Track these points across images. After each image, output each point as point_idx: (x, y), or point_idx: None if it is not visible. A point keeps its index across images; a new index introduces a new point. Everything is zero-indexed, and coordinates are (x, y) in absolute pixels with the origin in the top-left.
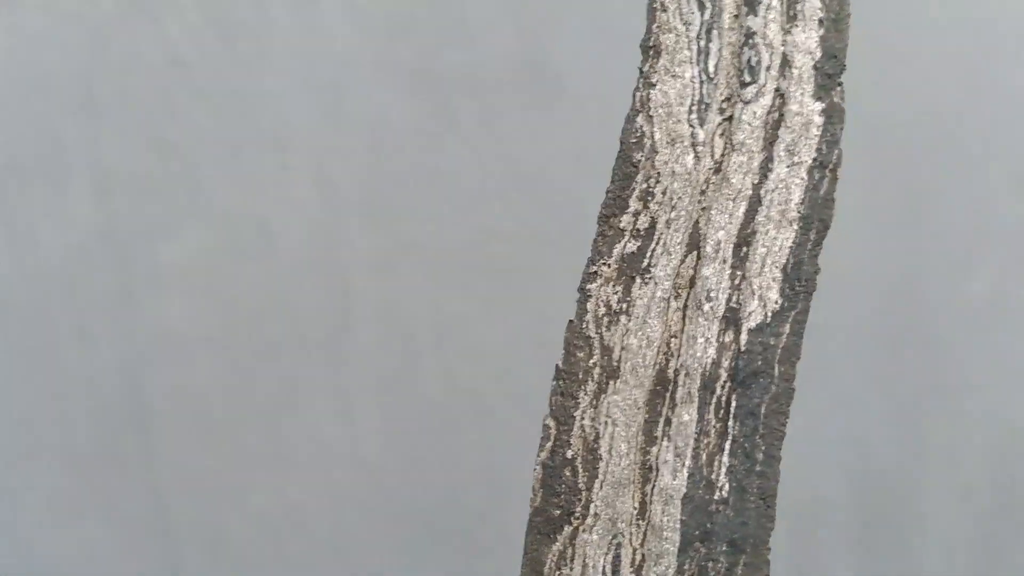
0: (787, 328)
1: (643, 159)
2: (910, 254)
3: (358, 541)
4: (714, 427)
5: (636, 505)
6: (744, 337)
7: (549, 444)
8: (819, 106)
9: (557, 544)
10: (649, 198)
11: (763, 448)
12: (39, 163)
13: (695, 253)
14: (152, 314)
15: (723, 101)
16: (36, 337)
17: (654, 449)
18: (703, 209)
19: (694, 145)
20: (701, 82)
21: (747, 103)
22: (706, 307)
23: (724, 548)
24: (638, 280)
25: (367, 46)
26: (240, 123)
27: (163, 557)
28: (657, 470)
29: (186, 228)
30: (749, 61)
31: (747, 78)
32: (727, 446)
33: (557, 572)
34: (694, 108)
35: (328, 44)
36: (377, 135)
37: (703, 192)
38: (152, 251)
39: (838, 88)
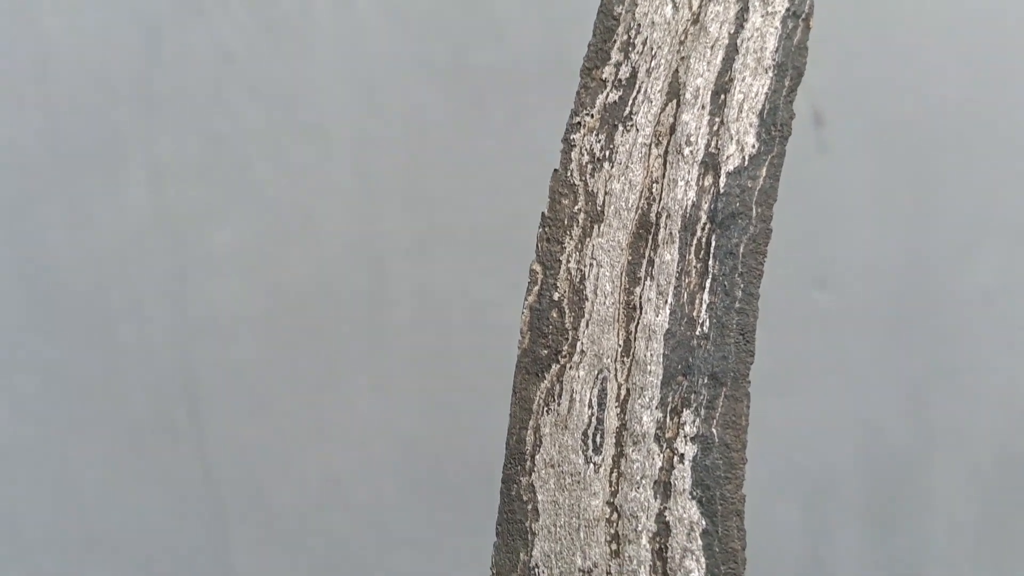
0: (764, 171)
1: (623, 12)
2: (919, 241)
3: (394, 509)
4: (695, 267)
5: (620, 343)
6: (723, 180)
7: (536, 288)
8: None
9: (545, 382)
10: (630, 49)
11: (742, 286)
12: (98, 152)
13: (675, 100)
14: (203, 294)
15: None
16: (94, 315)
17: (637, 289)
18: (682, 58)
19: None
20: None
21: None
22: (686, 151)
23: (705, 381)
24: (620, 128)
25: (403, 43)
26: (285, 115)
27: (212, 521)
28: (640, 308)
29: (234, 214)
30: None
31: None
32: (707, 284)
33: (545, 408)
34: None
35: (367, 42)
36: (412, 127)
37: (682, 42)
38: (203, 235)
39: None
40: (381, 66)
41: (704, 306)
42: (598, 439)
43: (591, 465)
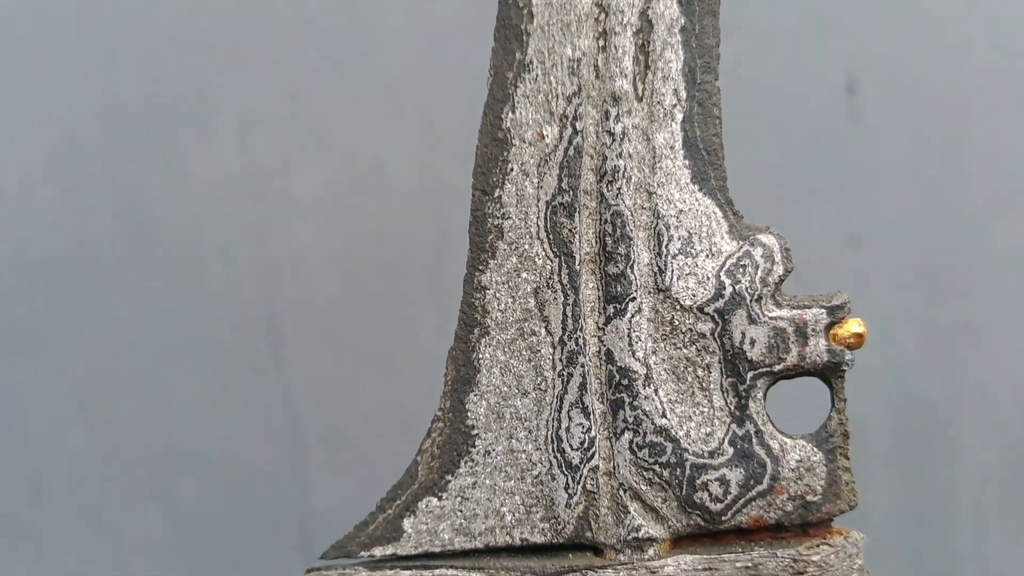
0: None
1: None
2: (948, 204)
3: None
4: None
5: None
6: None
7: None
8: None
9: None
10: None
11: None
12: (192, 108)
13: None
14: (284, 237)
15: None
16: (187, 255)
17: None
18: None
19: None
20: None
21: None
22: None
23: None
24: None
25: (467, 8)
26: (358, 75)
27: (290, 444)
28: None
29: (313, 164)
30: None
31: None
32: None
33: None
34: None
35: (433, 7)
36: (474, 86)
37: None
38: (285, 183)
39: None
40: (446, 30)
41: None
42: None
43: None
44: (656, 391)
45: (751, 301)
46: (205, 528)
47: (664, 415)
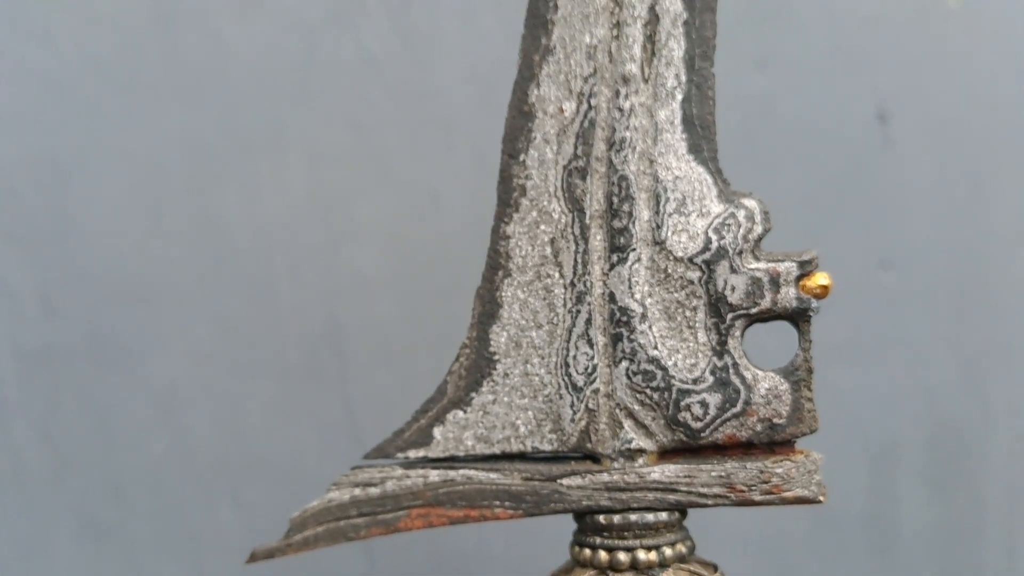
0: None
1: None
2: (976, 227)
3: None
4: None
5: None
6: None
7: None
8: None
9: None
10: None
11: None
12: (265, 140)
13: None
14: (348, 260)
15: None
16: (258, 276)
17: None
18: None
19: None
20: None
21: None
22: None
23: None
24: None
25: (513, 53)
26: (416, 111)
27: (351, 451)
28: None
29: (375, 193)
30: None
31: None
32: None
33: None
34: None
35: (485, 47)
36: None
37: None
38: (349, 210)
39: None
40: (497, 68)
41: None
42: None
43: None
44: (650, 327)
45: (733, 254)
46: (274, 528)
47: (656, 347)
